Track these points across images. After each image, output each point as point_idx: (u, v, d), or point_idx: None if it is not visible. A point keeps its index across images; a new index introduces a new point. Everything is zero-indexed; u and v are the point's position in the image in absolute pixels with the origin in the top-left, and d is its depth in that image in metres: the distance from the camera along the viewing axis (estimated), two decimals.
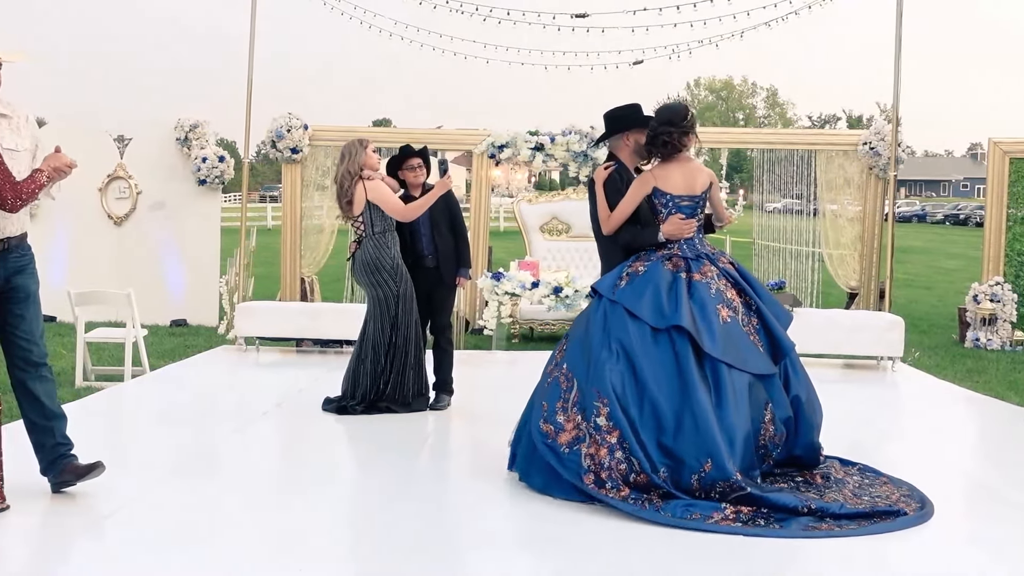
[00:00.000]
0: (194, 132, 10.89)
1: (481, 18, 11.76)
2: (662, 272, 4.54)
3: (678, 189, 4.69)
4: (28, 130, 4.28)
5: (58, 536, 3.91)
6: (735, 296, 4.57)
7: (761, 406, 4.39)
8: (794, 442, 4.51)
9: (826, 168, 10.09)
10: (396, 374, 6.14)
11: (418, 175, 6.43)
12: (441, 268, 6.45)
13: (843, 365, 8.64)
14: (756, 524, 3.96)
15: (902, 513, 4.05)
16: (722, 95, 75.82)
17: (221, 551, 3.71)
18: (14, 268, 4.19)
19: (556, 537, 3.92)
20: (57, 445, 4.29)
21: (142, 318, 7.84)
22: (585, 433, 4.30)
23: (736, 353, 4.36)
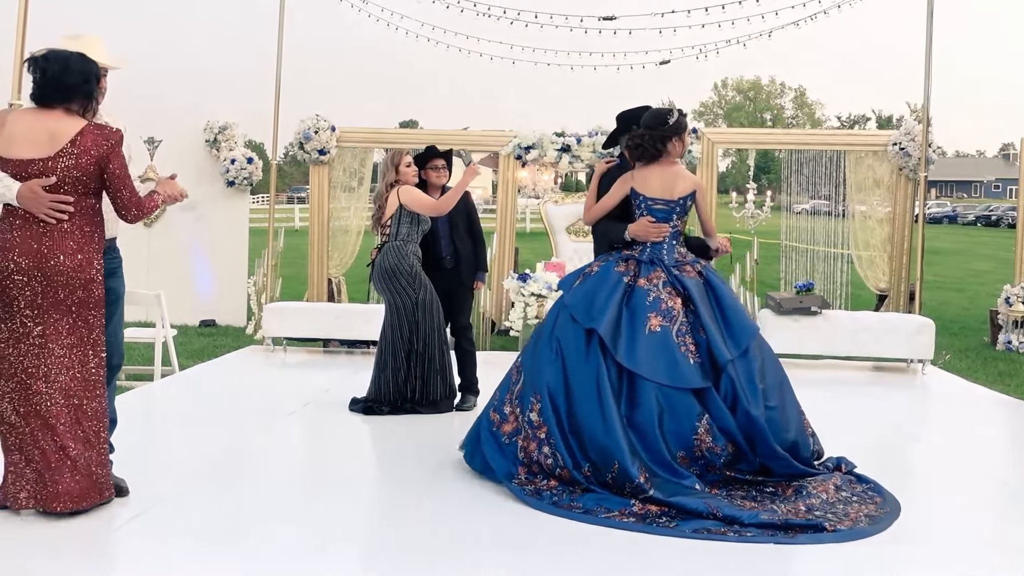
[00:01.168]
0: (223, 134, 10.98)
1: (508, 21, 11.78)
2: (611, 274, 4.65)
3: (653, 192, 4.74)
4: (125, 140, 4.37)
5: (86, 534, 3.95)
6: (677, 305, 4.54)
7: (692, 417, 4.35)
8: (757, 454, 4.42)
9: (855, 169, 10.00)
10: (421, 380, 6.16)
11: (441, 176, 6.47)
12: (461, 269, 6.49)
13: (872, 368, 8.57)
14: (656, 523, 4.01)
15: (821, 528, 3.94)
16: (750, 95, 75.40)
17: (247, 550, 3.74)
18: (107, 270, 4.25)
19: (576, 539, 3.91)
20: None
21: (172, 318, 7.92)
22: (521, 426, 4.52)
23: (652, 364, 4.37)
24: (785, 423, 4.49)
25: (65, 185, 3.90)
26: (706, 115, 73.79)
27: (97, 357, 4.04)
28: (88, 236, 3.98)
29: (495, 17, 11.76)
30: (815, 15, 11.34)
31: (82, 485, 3.95)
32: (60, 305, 3.92)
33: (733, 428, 4.37)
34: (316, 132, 9.97)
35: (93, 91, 4.00)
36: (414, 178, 6.29)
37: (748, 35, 12.13)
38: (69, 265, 3.90)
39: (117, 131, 4.02)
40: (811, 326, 8.36)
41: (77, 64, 3.95)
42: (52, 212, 3.88)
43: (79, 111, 3.98)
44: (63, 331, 3.94)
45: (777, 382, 4.57)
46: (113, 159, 3.95)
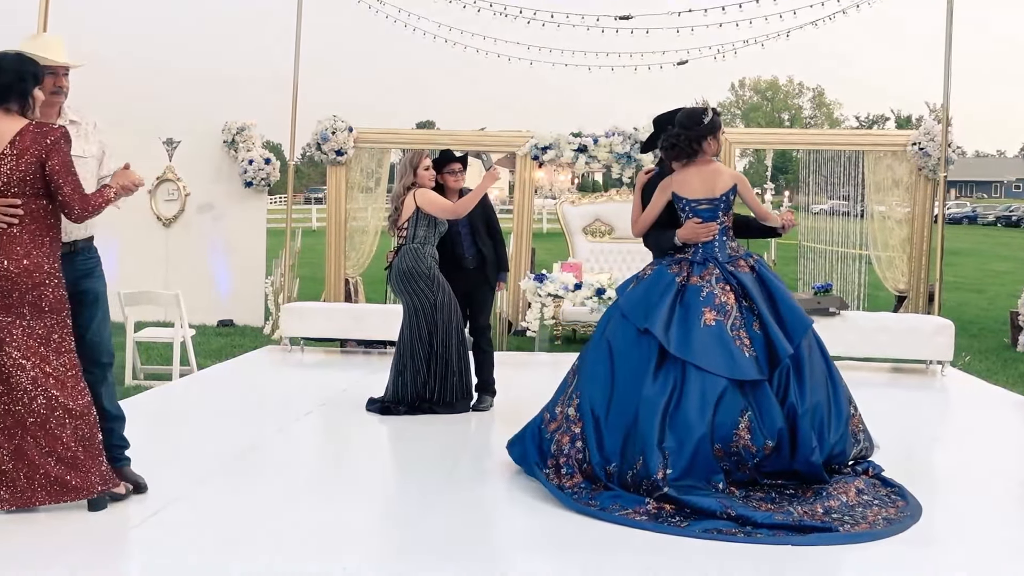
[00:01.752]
0: (241, 135, 11.04)
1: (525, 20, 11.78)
2: (663, 275, 4.68)
3: (695, 193, 4.75)
4: (96, 136, 4.37)
5: (104, 533, 3.98)
6: (731, 300, 4.54)
7: (735, 412, 4.33)
8: (792, 457, 4.38)
9: (874, 169, 9.94)
10: (439, 381, 6.17)
11: (458, 179, 6.48)
12: (485, 269, 6.51)
13: (891, 369, 8.51)
14: (669, 522, 4.01)
15: (834, 530, 3.93)
16: (768, 95, 75.10)
17: (264, 549, 3.75)
18: (82, 271, 4.27)
19: (597, 539, 3.91)
20: (112, 446, 4.36)
21: (190, 318, 7.96)
22: (562, 422, 4.58)
23: (708, 355, 4.36)
24: (831, 419, 4.47)
25: (12, 187, 3.87)
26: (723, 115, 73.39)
27: (63, 357, 4.02)
28: (38, 239, 3.94)
29: (512, 17, 11.76)
30: (834, 14, 11.28)
31: (65, 479, 3.97)
32: (12, 309, 3.91)
33: (780, 422, 4.34)
34: (333, 133, 10.01)
35: (28, 90, 3.93)
36: (431, 181, 6.29)
37: (766, 35, 12.07)
38: (14, 270, 3.88)
39: (57, 128, 3.97)
40: (829, 327, 8.30)
41: (9, 64, 3.91)
42: (1, 217, 3.86)
43: (18, 111, 3.93)
44: (17, 334, 3.93)
45: (826, 376, 4.55)
46: (53, 155, 3.89)
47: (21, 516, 4.01)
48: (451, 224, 6.34)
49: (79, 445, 4.02)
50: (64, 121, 4.26)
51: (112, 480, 4.14)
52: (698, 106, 4.97)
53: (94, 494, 4.06)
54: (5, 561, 3.59)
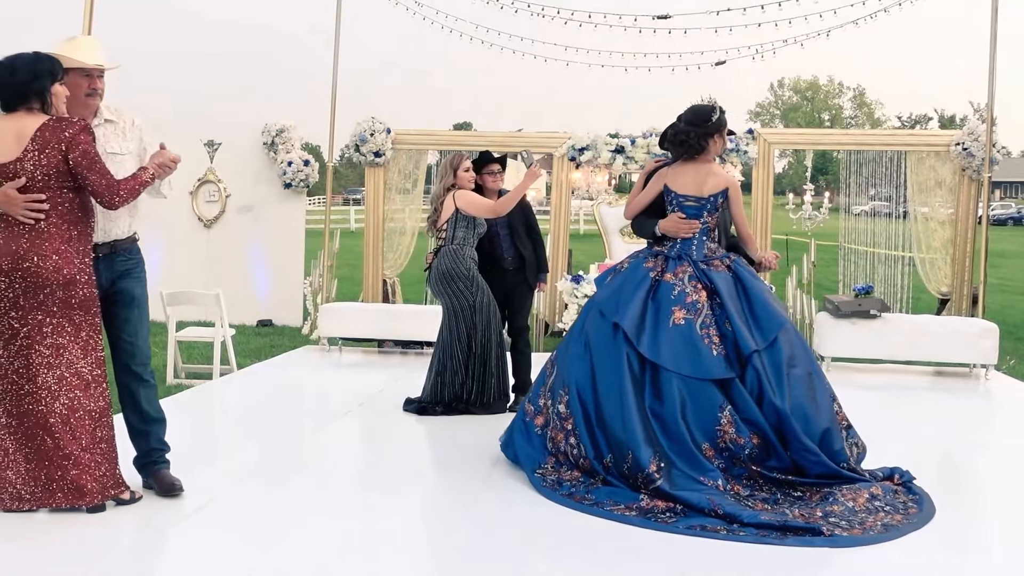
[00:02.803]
0: (280, 136, 11.13)
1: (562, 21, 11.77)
2: (639, 270, 4.78)
3: (685, 189, 4.83)
4: (134, 134, 4.41)
5: (145, 530, 4.03)
6: (702, 298, 4.61)
7: (714, 408, 4.41)
8: (785, 449, 4.41)
9: (916, 169, 9.79)
10: (478, 382, 6.18)
11: (496, 180, 6.49)
12: (525, 270, 6.52)
13: (934, 373, 8.39)
14: (657, 518, 4.07)
15: (818, 532, 3.89)
16: (807, 95, 74.33)
17: (302, 548, 3.78)
18: (120, 271, 4.29)
19: (630, 546, 3.89)
20: (151, 450, 4.39)
21: (230, 318, 8.05)
22: (551, 418, 4.71)
23: (675, 356, 4.46)
24: (815, 413, 4.47)
25: (37, 183, 3.92)
26: (762, 115, 72.93)
27: (89, 357, 4.04)
28: (65, 235, 3.97)
29: (549, 18, 11.76)
30: (875, 13, 11.14)
31: (79, 482, 3.98)
32: (41, 306, 3.95)
33: (759, 420, 4.39)
34: (372, 135, 10.06)
35: (45, 87, 3.98)
36: (471, 183, 6.31)
37: (806, 34, 11.95)
38: (44, 266, 3.92)
39: (76, 120, 4.01)
40: (870, 330, 8.22)
41: (24, 64, 3.97)
42: (28, 213, 3.91)
43: (40, 108, 3.99)
44: (47, 332, 3.96)
45: (806, 372, 4.56)
46: (73, 147, 3.93)
47: (52, 517, 4.06)
48: (490, 225, 6.35)
49: (96, 448, 4.04)
50: (100, 120, 4.31)
51: (120, 487, 4.13)
52: (706, 103, 5.00)
53: (104, 499, 4.06)
54: (44, 560, 3.65)
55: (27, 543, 3.79)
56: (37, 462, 3.97)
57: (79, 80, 4.18)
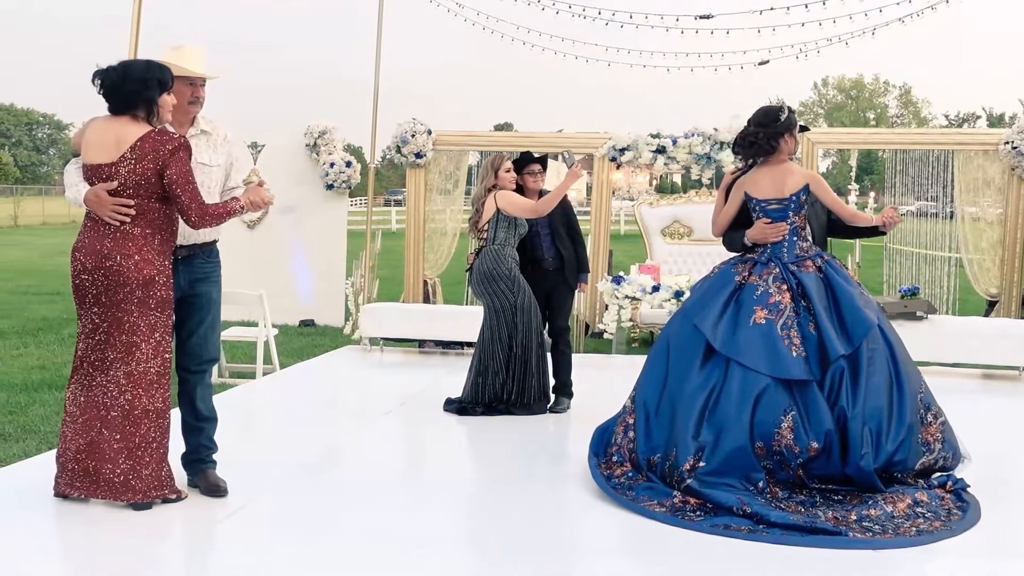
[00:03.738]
0: (323, 138, 11.22)
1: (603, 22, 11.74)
2: (726, 275, 4.78)
3: (765, 193, 4.77)
4: (225, 148, 4.52)
5: (188, 528, 4.09)
6: (786, 299, 4.55)
7: (778, 411, 4.32)
8: (843, 461, 4.31)
9: (964, 169, 9.62)
10: (518, 383, 6.18)
11: (537, 181, 6.48)
12: (564, 271, 6.49)
13: (982, 375, 8.24)
14: (684, 515, 4.11)
15: (843, 535, 3.87)
16: (852, 94, 73.41)
17: (343, 546, 3.81)
18: (199, 275, 4.40)
19: (678, 545, 3.87)
20: (200, 447, 4.49)
21: (273, 318, 8.13)
22: (621, 413, 4.80)
23: (751, 353, 4.39)
24: (890, 425, 4.35)
25: (128, 189, 4.02)
26: (806, 115, 72.14)
27: (159, 358, 4.14)
28: (149, 239, 4.07)
29: (590, 18, 11.74)
30: (922, 10, 10.98)
31: (128, 479, 4.07)
32: (121, 304, 4.05)
33: (829, 425, 4.29)
34: (413, 136, 10.11)
35: (154, 97, 4.06)
36: (512, 183, 6.32)
37: (850, 33, 11.81)
38: (126, 266, 4.02)
39: (178, 137, 4.10)
40: (916, 331, 8.08)
41: (136, 72, 4.04)
42: (114, 215, 4.01)
43: (144, 117, 4.08)
44: (124, 329, 4.07)
45: (888, 383, 4.42)
46: (171, 164, 4.02)
47: (106, 510, 4.14)
48: (531, 225, 6.35)
49: (148, 447, 4.12)
50: (196, 130, 4.41)
51: (170, 487, 4.21)
52: (774, 104, 4.96)
53: (150, 498, 4.13)
54: (90, 554, 3.72)
55: (75, 534, 3.87)
56: (89, 452, 4.09)
57: (183, 88, 4.29)
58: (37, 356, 8.88)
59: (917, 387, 4.55)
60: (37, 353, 9.05)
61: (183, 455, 4.49)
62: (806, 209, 4.80)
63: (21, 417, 6.44)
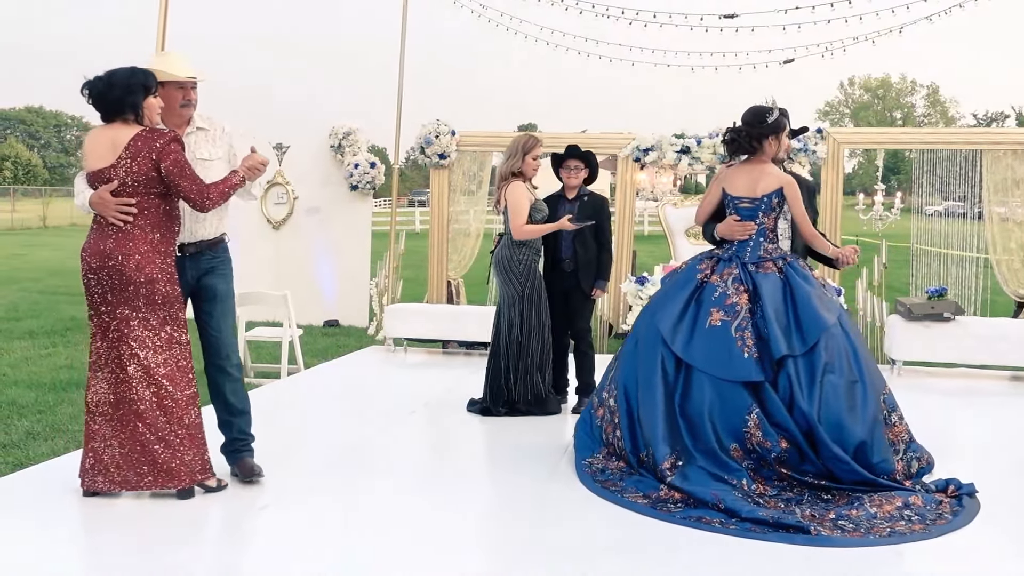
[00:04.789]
0: (347, 139, 11.27)
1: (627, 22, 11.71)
2: (691, 271, 4.88)
3: (739, 191, 4.85)
4: (223, 140, 4.64)
5: (214, 526, 4.12)
6: (742, 301, 4.62)
7: (742, 410, 4.42)
8: (816, 456, 4.35)
9: (993, 169, 9.51)
10: (523, 373, 6.17)
11: (571, 177, 6.37)
12: (579, 275, 6.39)
13: (1010, 378, 8.15)
14: (663, 508, 4.23)
15: (806, 531, 3.92)
16: (879, 93, 72.83)
17: (366, 545, 3.83)
18: (205, 268, 4.55)
19: (679, 546, 3.85)
20: (234, 439, 4.64)
21: (297, 318, 8.17)
22: (606, 411, 4.90)
23: (707, 356, 4.51)
24: (851, 423, 4.38)
25: (127, 188, 4.18)
26: (831, 115, 71.67)
27: (173, 349, 4.28)
28: (148, 237, 4.22)
29: (614, 18, 11.71)
30: (949, 8, 10.87)
31: (168, 466, 4.21)
32: (127, 302, 4.20)
33: (789, 425, 4.37)
34: (436, 137, 10.13)
35: (139, 101, 4.22)
36: (535, 172, 6.25)
37: (877, 31, 11.72)
38: (128, 266, 4.17)
39: (167, 132, 4.26)
40: (944, 333, 8.02)
41: (119, 79, 4.21)
42: (118, 215, 4.17)
43: (134, 120, 4.24)
44: (134, 325, 4.21)
45: (847, 382, 4.46)
46: (164, 157, 4.18)
47: (135, 505, 4.19)
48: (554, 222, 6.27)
49: (184, 434, 4.26)
50: (192, 129, 4.55)
51: (207, 473, 4.36)
52: (765, 104, 4.98)
53: (192, 483, 4.29)
54: (121, 548, 3.76)
55: (107, 530, 3.91)
56: (131, 447, 4.22)
57: (174, 92, 4.44)
58: (65, 356, 8.98)
59: (880, 387, 4.60)
60: (65, 353, 9.16)
61: (222, 446, 4.65)
62: (776, 212, 4.83)
63: (50, 416, 6.52)
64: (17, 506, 4.22)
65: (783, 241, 5.00)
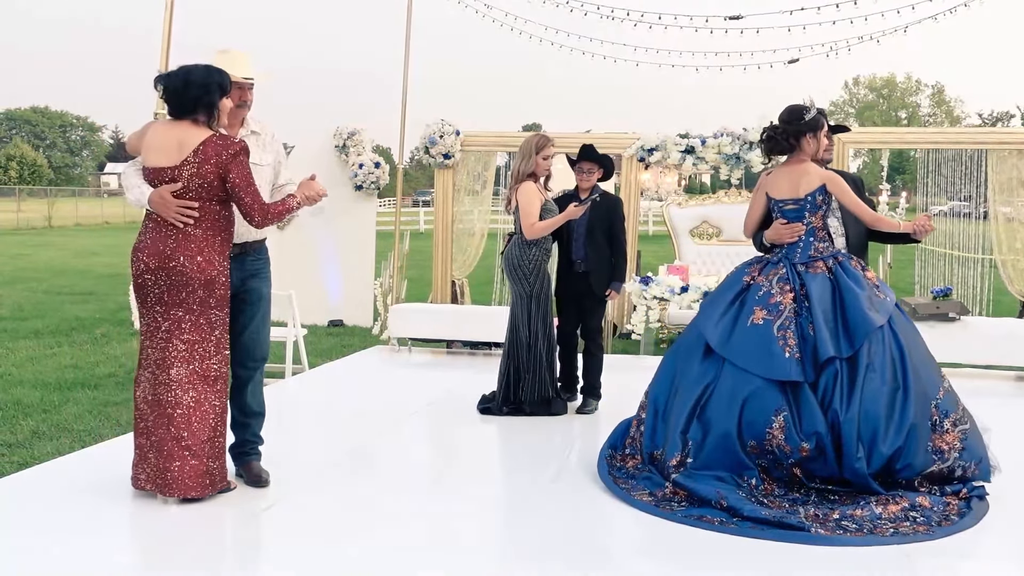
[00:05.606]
0: (351, 139, 11.27)
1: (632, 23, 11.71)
2: (737, 274, 4.86)
3: (782, 193, 4.79)
4: (273, 146, 4.65)
5: (219, 526, 4.12)
6: (787, 300, 4.57)
7: (768, 411, 4.35)
8: (839, 464, 4.29)
9: (998, 168, 9.48)
10: (531, 373, 6.18)
11: (584, 179, 6.37)
12: (591, 276, 6.38)
13: (1015, 378, 8.13)
14: (666, 506, 4.25)
15: (805, 529, 3.92)
16: (883, 93, 72.71)
17: (371, 545, 3.83)
18: (250, 271, 4.54)
19: (697, 547, 3.85)
20: (246, 441, 4.63)
21: (302, 318, 8.18)
22: (640, 408, 4.91)
23: (745, 353, 4.45)
24: (887, 430, 4.28)
25: (190, 191, 4.12)
26: (836, 114, 71.53)
27: (219, 355, 4.25)
28: (210, 240, 4.18)
29: (619, 19, 11.71)
30: (955, 8, 10.85)
31: (193, 475, 4.16)
32: (183, 303, 4.15)
33: (821, 428, 4.29)
34: (441, 137, 10.13)
35: (214, 102, 4.16)
36: (546, 171, 6.27)
37: (882, 31, 11.70)
38: (189, 266, 4.12)
39: (238, 142, 4.19)
40: (949, 333, 8.00)
41: (197, 77, 4.12)
42: (179, 217, 4.11)
43: (205, 121, 4.17)
44: (185, 328, 4.17)
45: (891, 388, 4.36)
46: (233, 168, 4.12)
47: (129, 504, 4.19)
48: (568, 224, 6.28)
49: (212, 443, 4.23)
50: (246, 131, 4.52)
51: (224, 480, 4.34)
52: (802, 103, 4.94)
53: (210, 492, 4.24)
54: (128, 548, 3.76)
55: (112, 529, 3.91)
56: (158, 451, 4.18)
57: (232, 92, 4.35)
58: (71, 356, 9.00)
59: (932, 392, 4.44)
60: (70, 353, 9.18)
61: (231, 446, 4.63)
62: (823, 210, 4.77)
63: (55, 416, 6.53)
64: (22, 506, 4.23)
65: (837, 239, 4.86)
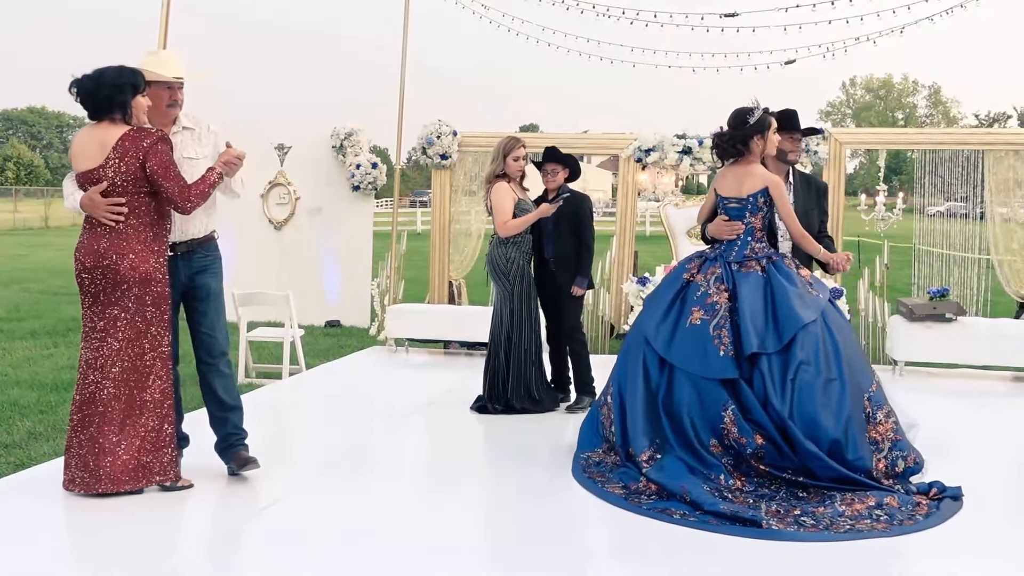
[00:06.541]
0: (349, 140, 11.27)
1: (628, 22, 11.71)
2: (680, 271, 4.98)
3: (727, 191, 4.92)
4: (209, 139, 4.65)
5: (217, 525, 4.12)
6: (722, 300, 4.69)
7: (718, 406, 4.50)
8: (793, 452, 4.38)
9: (995, 169, 9.49)
10: (515, 369, 6.21)
11: (549, 180, 6.47)
12: (560, 276, 6.43)
13: (1012, 378, 8.14)
14: (635, 500, 4.34)
15: (758, 523, 3.98)
16: (880, 94, 72.81)
17: (369, 545, 3.83)
18: (198, 267, 4.56)
19: (687, 545, 3.85)
20: (228, 435, 4.65)
21: (299, 319, 8.17)
22: (607, 408, 4.98)
23: (684, 354, 4.63)
24: (825, 420, 4.39)
25: (117, 188, 4.19)
26: (833, 115, 71.66)
27: (155, 351, 4.29)
28: (142, 236, 4.24)
29: (615, 18, 11.71)
30: (951, 8, 10.85)
31: (124, 469, 4.20)
32: (118, 302, 4.22)
33: (764, 421, 4.42)
34: (438, 137, 10.12)
35: (127, 100, 4.23)
36: (519, 172, 6.33)
37: (878, 31, 11.71)
38: (122, 264, 4.19)
39: (154, 131, 4.26)
40: (945, 334, 8.01)
41: (108, 78, 4.21)
42: (109, 216, 4.18)
43: (121, 119, 4.24)
44: (120, 326, 4.23)
45: (824, 379, 4.46)
46: (151, 156, 4.19)
47: (128, 504, 4.19)
48: (540, 223, 6.32)
49: (146, 437, 4.26)
50: (179, 128, 4.56)
51: (169, 474, 4.34)
52: (747, 105, 4.98)
53: (146, 485, 4.27)
54: (119, 549, 3.76)
55: (106, 529, 3.91)
56: (89, 448, 4.22)
57: (161, 92, 4.45)
58: (67, 356, 8.99)
59: (865, 385, 4.59)
60: (67, 353, 9.16)
61: (215, 444, 4.65)
62: (764, 212, 4.86)
63: (51, 416, 6.52)
64: (19, 506, 4.23)
65: (783, 243, 5.06)
